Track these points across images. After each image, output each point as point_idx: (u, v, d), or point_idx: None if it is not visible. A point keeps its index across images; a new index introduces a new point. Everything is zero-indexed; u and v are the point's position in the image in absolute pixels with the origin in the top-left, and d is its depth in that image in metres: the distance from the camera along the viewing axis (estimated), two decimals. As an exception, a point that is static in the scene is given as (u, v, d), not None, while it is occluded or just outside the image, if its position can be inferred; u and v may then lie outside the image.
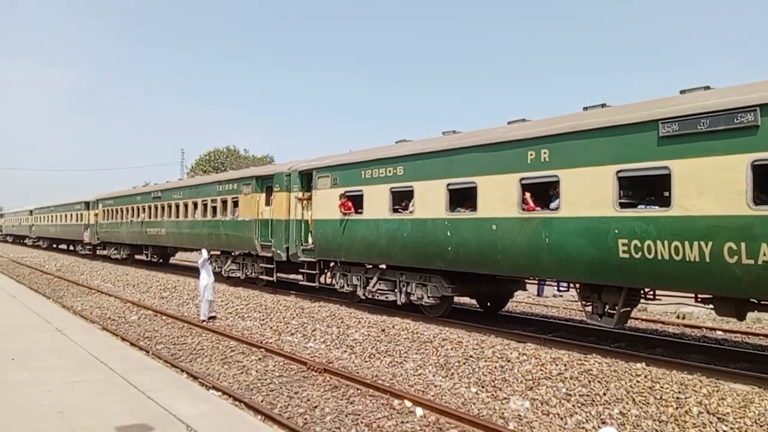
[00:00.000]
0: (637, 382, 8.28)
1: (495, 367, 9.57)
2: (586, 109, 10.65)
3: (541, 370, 9.12)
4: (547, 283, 18.44)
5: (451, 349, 10.71)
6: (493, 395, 8.70)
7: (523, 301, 19.00)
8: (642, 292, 10.44)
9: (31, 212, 55.90)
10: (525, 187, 10.86)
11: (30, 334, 10.90)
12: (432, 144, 13.15)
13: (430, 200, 12.73)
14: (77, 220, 40.46)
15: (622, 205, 9.40)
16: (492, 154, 11.47)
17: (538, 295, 20.56)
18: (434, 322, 13.30)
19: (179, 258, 34.68)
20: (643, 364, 9.13)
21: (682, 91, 9.21)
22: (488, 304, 15.31)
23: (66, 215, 43.50)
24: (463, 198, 12.35)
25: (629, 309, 10.51)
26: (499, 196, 11.19)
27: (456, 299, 14.77)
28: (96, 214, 36.73)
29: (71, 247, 46.98)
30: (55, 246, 51.92)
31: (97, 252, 38.89)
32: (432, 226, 12.66)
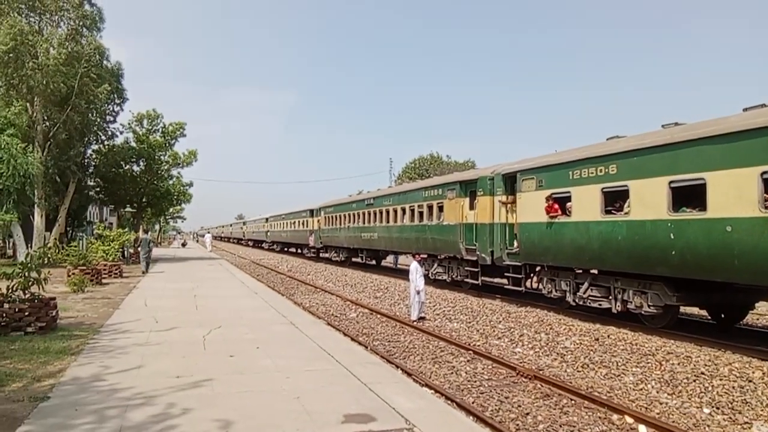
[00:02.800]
0: None
1: (733, 387, 8.45)
2: None
3: (796, 396, 7.80)
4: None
5: (678, 363, 9.72)
6: (731, 418, 7.68)
7: (767, 313, 16.39)
8: None
9: (266, 219, 64.09)
10: (768, 183, 9.41)
11: (270, 326, 12.52)
12: (650, 138, 12.08)
13: (649, 200, 11.70)
14: (304, 226, 45.37)
15: None
16: (725, 146, 10.14)
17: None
18: (656, 333, 12.18)
19: (402, 263, 36.15)
20: None
21: None
22: (722, 315, 13.51)
23: (294, 222, 49.04)
24: (688, 197, 11.11)
25: None
26: (735, 194, 9.85)
27: (682, 309, 13.32)
28: (319, 221, 40.81)
29: (299, 250, 52.77)
30: (285, 249, 58.77)
31: (320, 255, 43.12)
32: (652, 228, 11.63)
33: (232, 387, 7.39)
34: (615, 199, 12.97)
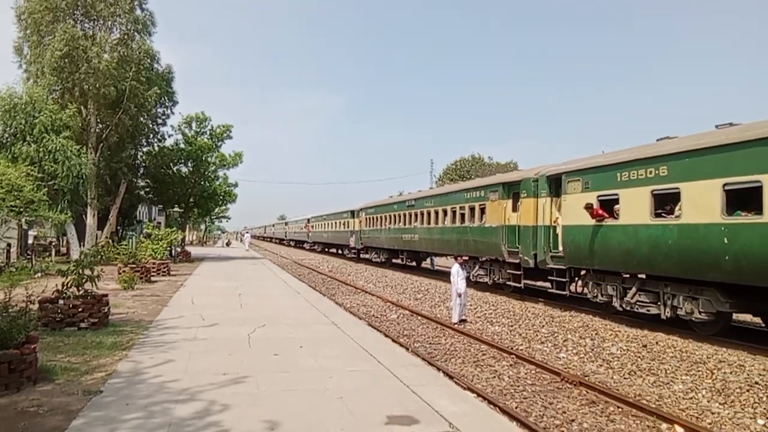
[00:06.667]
0: None
1: (792, 400, 8.07)
2: None
3: None
4: None
5: (731, 372, 9.37)
6: (790, 433, 7.34)
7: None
8: None
9: (308, 220, 64.83)
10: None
11: (312, 326, 12.66)
12: (704, 140, 11.67)
13: (701, 203, 11.31)
14: (344, 227, 45.71)
15: None
16: (784, 148, 9.72)
17: None
18: (707, 340, 11.77)
19: (440, 264, 36.11)
20: None
21: None
22: (779, 323, 12.96)
23: (335, 222, 49.46)
24: (744, 200, 10.69)
25: None
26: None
27: (735, 316, 12.82)
28: (360, 222, 41.04)
29: (340, 251, 53.18)
30: (326, 249, 59.31)
31: (361, 255, 43.35)
32: (704, 232, 11.24)
33: (276, 385, 7.51)
34: (665, 202, 12.60)
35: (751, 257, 10.30)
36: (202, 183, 44.48)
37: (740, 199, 10.79)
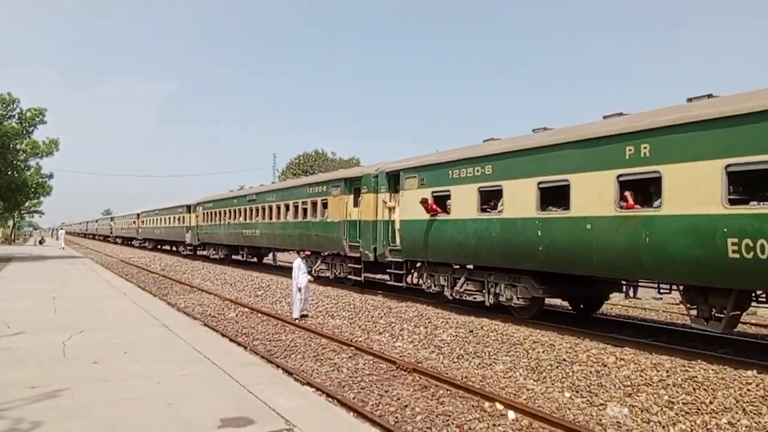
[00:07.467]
0: (748, 390, 7.69)
1: (590, 372, 9.21)
2: (690, 100, 10.01)
3: (641, 376, 8.67)
4: (642, 284, 17.60)
5: (543, 351, 10.43)
6: (588, 401, 8.37)
7: (619, 303, 18.16)
8: (753, 294, 9.68)
9: (138, 215, 60.16)
10: (623, 185, 10.37)
11: (139, 329, 11.73)
12: (522, 142, 12.86)
13: (520, 199, 12.45)
14: (179, 223, 43.14)
15: (732, 202, 8.75)
16: (586, 151, 11.04)
17: (627, 297, 19.65)
18: (524, 323, 13.00)
19: (283, 260, 35.50)
20: (755, 371, 8.46)
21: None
22: (581, 306, 14.76)
23: (170, 218, 46.46)
24: (555, 197, 11.97)
25: (739, 313, 9.76)
26: (595, 195, 10.75)
27: (547, 301, 14.35)
28: (197, 217, 38.99)
29: (174, 248, 50.11)
30: (159, 247, 55.57)
31: (198, 252, 41.25)
32: (522, 226, 12.38)
33: (95, 396, 6.81)
34: (490, 198, 13.66)
35: (560, 248, 11.57)
36: (10, 173, 39.04)
37: (552, 196, 12.06)
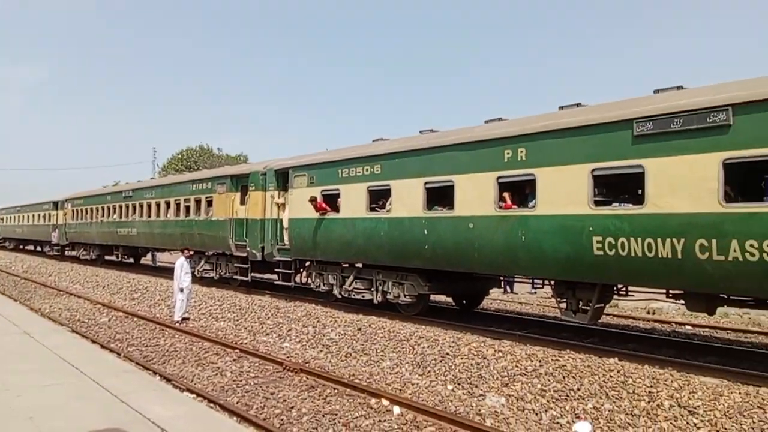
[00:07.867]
0: (610, 377, 8.39)
1: (471, 365, 9.60)
2: (561, 108, 10.77)
3: (517, 367, 9.19)
4: (518, 280, 18.72)
5: (428, 347, 10.73)
6: (469, 392, 8.73)
7: (498, 298, 19.16)
8: (615, 288, 10.61)
9: (-5, 212, 54.35)
10: (502, 186, 10.94)
11: (-4, 338, 10.57)
12: (410, 143, 13.16)
13: (408, 199, 12.73)
14: (45, 221, 39.50)
15: (597, 203, 9.53)
16: (469, 153, 11.51)
17: (504, 292, 20.82)
18: (410, 320, 13.31)
19: (163, 260, 33.64)
20: (616, 359, 9.27)
21: (656, 91, 9.40)
22: (464, 301, 15.40)
23: (33, 216, 42.41)
24: (440, 197, 12.37)
25: (603, 305, 10.67)
26: (477, 195, 11.25)
27: (432, 297, 14.81)
28: (65, 214, 35.89)
29: (39, 248, 45.87)
30: (21, 247, 50.68)
31: (66, 253, 38.04)
32: (409, 225, 12.67)
33: (-64, 415, 6.00)
34: (379, 197, 13.84)
35: (445, 246, 11.98)
36: None
37: (438, 196, 12.46)
